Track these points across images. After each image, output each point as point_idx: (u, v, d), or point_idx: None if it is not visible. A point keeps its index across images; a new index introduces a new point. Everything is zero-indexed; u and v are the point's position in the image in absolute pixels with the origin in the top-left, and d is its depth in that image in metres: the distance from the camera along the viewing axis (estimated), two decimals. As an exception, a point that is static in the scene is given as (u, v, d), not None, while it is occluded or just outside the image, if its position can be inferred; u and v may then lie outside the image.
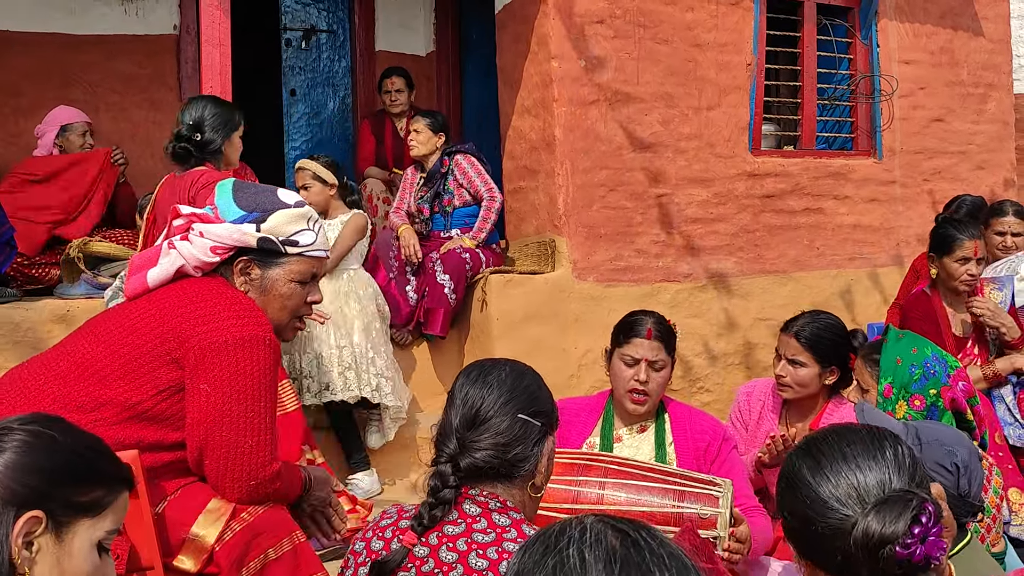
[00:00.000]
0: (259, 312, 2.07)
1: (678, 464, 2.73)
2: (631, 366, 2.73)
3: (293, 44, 6.63)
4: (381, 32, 6.60)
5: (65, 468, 1.28)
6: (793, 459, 1.43)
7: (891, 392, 2.56)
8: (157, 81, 5.85)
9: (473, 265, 4.51)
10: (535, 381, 1.80)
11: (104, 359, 1.98)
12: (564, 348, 4.49)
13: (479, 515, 1.62)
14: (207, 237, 2.08)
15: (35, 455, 1.25)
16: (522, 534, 1.60)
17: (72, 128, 4.92)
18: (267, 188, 2.21)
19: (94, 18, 5.68)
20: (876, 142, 5.45)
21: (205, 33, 3.57)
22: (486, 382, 1.74)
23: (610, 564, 0.92)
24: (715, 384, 4.86)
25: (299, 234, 2.14)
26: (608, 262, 4.64)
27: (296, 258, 2.14)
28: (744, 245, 5.00)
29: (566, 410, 2.88)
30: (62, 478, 1.27)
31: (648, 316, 2.83)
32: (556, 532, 0.97)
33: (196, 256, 2.08)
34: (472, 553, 1.57)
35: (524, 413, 1.70)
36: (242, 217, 2.10)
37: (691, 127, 4.85)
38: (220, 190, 2.16)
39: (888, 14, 5.43)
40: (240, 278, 2.12)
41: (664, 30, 4.77)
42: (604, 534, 0.95)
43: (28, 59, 5.49)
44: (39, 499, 1.23)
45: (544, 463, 1.72)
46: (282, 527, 2.05)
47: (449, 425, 1.71)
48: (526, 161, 4.83)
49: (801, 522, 1.37)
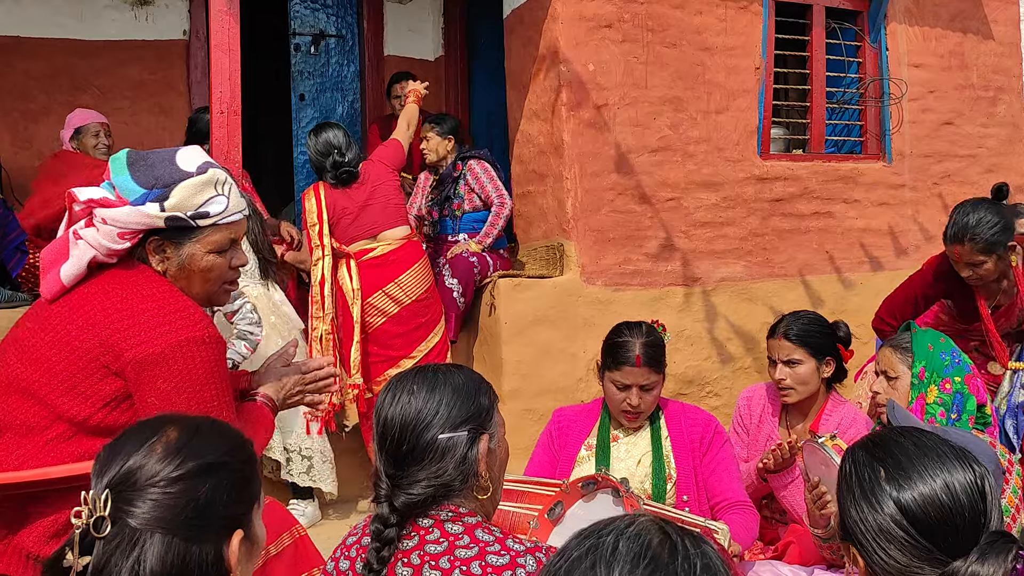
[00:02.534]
0: (189, 308, 1.92)
1: (675, 456, 2.75)
2: (622, 391, 2.73)
3: (302, 49, 6.64)
4: (390, 37, 6.61)
5: (243, 482, 1.28)
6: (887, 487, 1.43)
7: (924, 375, 2.61)
8: (167, 86, 5.87)
9: (481, 269, 4.52)
10: (449, 388, 1.67)
11: (42, 380, 1.86)
12: (573, 352, 4.48)
13: (431, 526, 1.59)
14: (111, 224, 1.89)
15: (219, 487, 1.23)
16: (475, 539, 1.56)
17: (85, 130, 4.93)
18: (164, 156, 1.97)
19: (104, 23, 5.70)
20: (885, 145, 5.43)
21: (214, 38, 3.58)
22: (404, 412, 1.64)
23: (639, 559, 0.93)
24: (724, 388, 4.85)
25: (208, 203, 1.95)
26: (617, 266, 4.64)
27: (210, 228, 1.96)
28: (753, 249, 4.99)
29: (563, 417, 2.93)
30: (246, 491, 1.28)
31: (635, 337, 2.75)
32: (609, 520, 1.00)
33: (104, 244, 1.90)
34: (425, 566, 1.55)
35: (446, 430, 1.62)
36: (143, 196, 1.91)
37: (700, 131, 4.85)
38: (114, 165, 1.95)
39: (897, 17, 5.42)
40: (155, 257, 1.96)
41: (672, 34, 4.77)
42: (648, 530, 0.96)
43: (38, 64, 5.52)
44: (238, 521, 1.24)
45: (483, 466, 1.64)
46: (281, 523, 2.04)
47: (378, 463, 1.66)
48: (534, 165, 4.83)
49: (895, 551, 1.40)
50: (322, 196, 4.26)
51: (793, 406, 3.12)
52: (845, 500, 1.47)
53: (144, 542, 1.14)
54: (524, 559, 1.54)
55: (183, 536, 1.16)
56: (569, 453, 2.84)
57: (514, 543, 1.57)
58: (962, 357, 2.73)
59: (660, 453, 2.76)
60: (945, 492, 1.37)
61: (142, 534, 1.15)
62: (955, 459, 1.42)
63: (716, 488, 2.74)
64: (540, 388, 4.43)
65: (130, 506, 1.16)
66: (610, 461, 2.78)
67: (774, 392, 3.15)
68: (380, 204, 4.26)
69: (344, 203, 4.25)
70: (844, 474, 1.49)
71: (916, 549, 1.36)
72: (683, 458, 2.75)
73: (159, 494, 1.17)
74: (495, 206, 4.68)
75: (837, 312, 4.78)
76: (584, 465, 2.80)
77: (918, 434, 1.50)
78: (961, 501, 1.37)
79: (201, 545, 1.17)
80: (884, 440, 1.50)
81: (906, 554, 1.37)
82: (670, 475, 2.73)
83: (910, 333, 2.77)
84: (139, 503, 1.16)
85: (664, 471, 2.73)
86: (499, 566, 1.52)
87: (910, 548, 1.37)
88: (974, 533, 1.35)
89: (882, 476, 1.42)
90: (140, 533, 1.15)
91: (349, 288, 4.16)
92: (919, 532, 1.36)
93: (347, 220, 4.23)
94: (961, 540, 1.35)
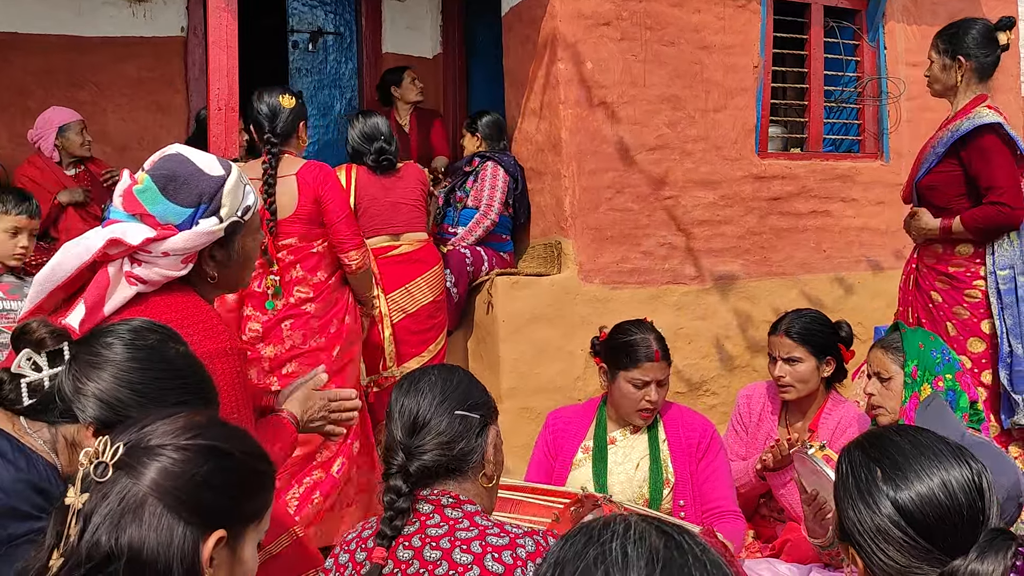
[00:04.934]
0: (212, 319, 1.92)
1: (672, 461, 2.75)
2: (641, 388, 2.73)
3: (300, 46, 6.64)
4: (388, 34, 6.60)
5: (244, 483, 1.26)
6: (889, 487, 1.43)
7: (917, 374, 2.61)
8: (165, 83, 5.86)
9: (474, 261, 4.55)
10: (466, 377, 1.84)
11: None
12: (570, 350, 4.48)
13: (432, 511, 1.66)
14: (174, 254, 1.88)
15: (218, 471, 1.22)
16: (474, 524, 1.63)
17: (70, 127, 4.91)
18: (190, 170, 1.93)
19: (102, 20, 5.69)
20: (883, 144, 5.44)
21: (212, 35, 3.57)
22: (418, 389, 1.76)
23: (652, 563, 0.92)
24: (721, 387, 4.85)
25: (246, 197, 1.99)
26: (614, 264, 4.64)
27: (251, 218, 2.01)
28: (751, 248, 4.99)
29: (559, 419, 2.93)
30: (243, 493, 1.26)
31: (647, 333, 2.78)
32: (599, 526, 0.97)
33: (168, 274, 1.89)
34: (426, 547, 1.59)
35: (460, 409, 1.74)
36: (192, 215, 1.89)
37: (698, 129, 4.85)
38: (146, 196, 1.89)
39: (896, 16, 5.42)
40: (210, 264, 1.96)
41: (671, 32, 4.77)
42: (648, 533, 0.95)
43: (36, 60, 5.51)
44: (224, 517, 1.21)
45: (491, 452, 1.76)
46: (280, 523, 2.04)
47: (392, 439, 1.74)
48: (532, 163, 4.83)
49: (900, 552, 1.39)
50: (354, 178, 4.24)
51: (793, 405, 3.12)
52: (842, 501, 1.46)
53: (133, 501, 1.15)
54: (523, 540, 1.60)
55: (169, 506, 1.16)
56: (565, 457, 2.83)
57: (512, 527, 1.64)
58: (951, 354, 2.74)
59: (658, 456, 2.76)
60: (942, 491, 1.36)
61: (135, 492, 1.16)
62: (952, 457, 1.41)
63: (709, 495, 2.74)
64: (537, 386, 4.43)
65: (136, 462, 1.18)
66: (607, 465, 2.77)
67: (774, 390, 3.15)
68: (410, 206, 4.29)
69: (375, 192, 4.24)
70: (841, 475, 1.48)
71: (915, 549, 1.36)
72: (680, 463, 2.75)
73: (164, 459, 1.19)
74: (479, 213, 4.71)
75: (835, 311, 4.78)
76: (581, 468, 2.79)
77: (914, 432, 1.49)
78: (959, 499, 1.36)
79: (185, 526, 1.16)
80: (880, 439, 1.49)
81: (905, 554, 1.36)
82: (667, 479, 2.73)
83: (899, 333, 2.76)
84: (144, 461, 1.18)
85: (661, 475, 2.73)
86: (499, 546, 1.57)
87: (909, 548, 1.36)
88: (973, 531, 1.34)
89: (878, 476, 1.41)
90: (132, 490, 1.16)
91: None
92: (917, 532, 1.36)
93: (374, 210, 4.22)
94: (960, 538, 1.34)
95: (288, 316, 3.53)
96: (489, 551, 1.55)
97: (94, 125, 5.55)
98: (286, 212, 3.54)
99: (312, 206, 3.53)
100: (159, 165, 1.92)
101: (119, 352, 1.52)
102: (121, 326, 1.58)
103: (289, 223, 3.54)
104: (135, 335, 1.56)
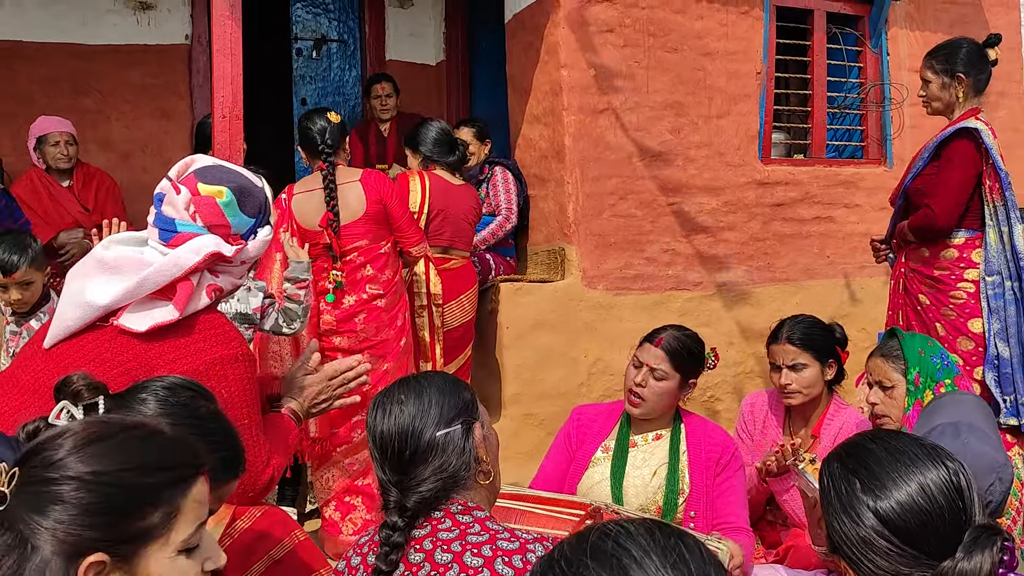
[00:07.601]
0: (224, 325, 1.96)
1: (689, 472, 2.75)
2: (637, 368, 2.79)
3: (304, 54, 6.66)
4: (391, 42, 6.61)
5: (119, 504, 1.17)
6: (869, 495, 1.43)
7: (919, 381, 2.61)
8: (169, 91, 5.87)
9: (482, 268, 4.54)
10: (435, 390, 1.75)
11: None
12: (574, 357, 4.48)
13: (443, 516, 1.65)
14: (247, 262, 2.03)
15: (74, 501, 1.15)
16: (485, 528, 1.63)
17: (47, 139, 4.74)
18: (250, 181, 2.04)
19: (106, 28, 5.71)
20: (886, 150, 5.44)
21: (216, 43, 3.58)
22: (393, 420, 1.70)
23: (664, 561, 0.92)
24: (725, 393, 4.85)
25: (267, 198, 2.11)
26: (618, 271, 4.64)
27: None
28: (754, 254, 4.99)
29: (585, 414, 2.96)
30: (106, 519, 1.16)
31: (671, 329, 2.85)
32: (599, 529, 0.96)
33: (235, 283, 2.02)
34: (437, 550, 1.60)
35: (441, 427, 1.69)
36: (253, 225, 2.02)
37: (701, 136, 4.85)
38: (230, 210, 1.99)
39: (898, 22, 5.43)
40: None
41: (674, 39, 4.78)
42: (648, 533, 0.95)
43: (41, 68, 5.52)
44: (93, 544, 1.15)
45: (482, 451, 1.73)
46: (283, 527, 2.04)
47: (382, 477, 1.70)
48: (536, 170, 4.84)
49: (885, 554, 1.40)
50: (427, 183, 4.23)
51: (796, 411, 3.11)
52: (828, 514, 1.46)
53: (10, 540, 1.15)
54: (533, 546, 1.60)
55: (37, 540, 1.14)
56: (585, 452, 2.84)
57: (523, 533, 1.64)
58: (950, 358, 2.74)
59: (676, 466, 2.76)
60: (921, 496, 1.37)
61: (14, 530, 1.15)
62: (927, 459, 1.41)
63: (722, 511, 2.74)
64: (541, 393, 4.43)
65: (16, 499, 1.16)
66: (625, 468, 2.78)
67: (776, 398, 3.15)
68: (467, 224, 4.32)
69: (443, 203, 4.22)
70: (823, 488, 1.49)
71: (901, 556, 1.36)
72: (697, 475, 2.75)
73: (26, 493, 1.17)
74: (500, 217, 4.72)
75: (839, 317, 4.75)
76: (598, 467, 2.80)
77: (887, 437, 1.49)
78: (939, 502, 1.36)
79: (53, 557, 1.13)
80: (856, 448, 1.49)
81: (892, 562, 1.36)
82: (683, 490, 2.73)
83: (898, 340, 2.75)
84: (20, 498, 1.16)
85: (677, 485, 2.73)
86: (509, 550, 1.58)
87: (895, 556, 1.36)
88: (956, 531, 1.35)
89: (858, 488, 1.42)
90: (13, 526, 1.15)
91: (427, 291, 4.16)
92: (902, 540, 1.36)
93: (439, 220, 4.21)
94: (945, 540, 1.34)
95: (361, 310, 3.80)
96: (500, 555, 1.56)
97: (98, 132, 5.58)
98: (356, 214, 3.80)
99: (377, 206, 3.81)
100: (224, 178, 2.00)
101: (152, 408, 1.57)
102: (157, 382, 1.62)
103: (358, 224, 3.79)
104: (169, 392, 1.60)
